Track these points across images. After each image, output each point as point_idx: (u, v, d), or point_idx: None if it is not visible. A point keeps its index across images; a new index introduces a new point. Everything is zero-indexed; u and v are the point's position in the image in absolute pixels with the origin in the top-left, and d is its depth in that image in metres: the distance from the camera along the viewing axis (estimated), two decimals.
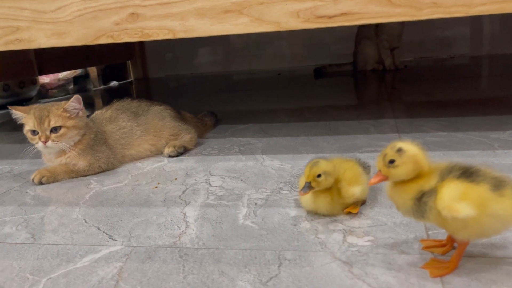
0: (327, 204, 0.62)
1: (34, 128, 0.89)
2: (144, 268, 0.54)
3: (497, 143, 0.89)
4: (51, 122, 0.90)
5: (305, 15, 0.85)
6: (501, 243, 0.52)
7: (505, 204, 0.43)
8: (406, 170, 0.46)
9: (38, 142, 0.90)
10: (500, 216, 0.43)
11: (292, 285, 0.48)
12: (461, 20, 2.60)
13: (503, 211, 0.43)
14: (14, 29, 0.99)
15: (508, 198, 0.43)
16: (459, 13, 0.80)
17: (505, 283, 0.45)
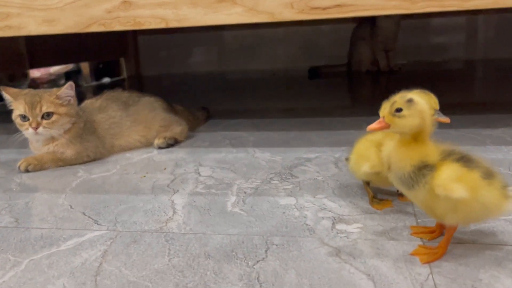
0: None
1: (24, 113, 0.88)
2: (129, 251, 0.53)
3: (488, 139, 0.89)
4: (43, 108, 0.88)
5: (299, 6, 0.85)
6: (490, 230, 0.52)
7: (492, 193, 0.44)
8: (412, 123, 0.45)
9: (28, 128, 0.88)
10: (486, 204, 0.44)
11: (279, 268, 0.47)
12: (456, 25, 2.61)
13: (490, 199, 0.44)
14: (4, 15, 0.97)
15: (495, 188, 0.44)
16: (453, 6, 0.80)
17: (492, 268, 0.44)
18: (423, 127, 0.46)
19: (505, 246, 0.48)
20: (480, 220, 0.47)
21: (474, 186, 0.44)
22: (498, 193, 0.44)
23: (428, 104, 0.47)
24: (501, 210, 0.44)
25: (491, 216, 0.46)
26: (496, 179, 0.45)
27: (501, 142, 0.87)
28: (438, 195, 0.44)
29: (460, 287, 0.41)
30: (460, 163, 0.45)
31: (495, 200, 0.44)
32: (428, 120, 0.46)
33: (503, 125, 0.99)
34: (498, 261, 0.45)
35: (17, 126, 0.91)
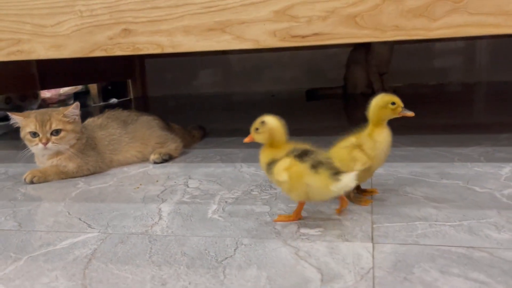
0: None
1: (35, 130, 0.97)
2: (116, 250, 0.60)
3: (457, 157, 0.96)
4: (52, 125, 0.97)
5: (281, 34, 0.93)
6: (433, 234, 0.58)
7: (317, 178, 0.61)
8: (264, 136, 0.66)
9: (38, 143, 0.97)
10: (313, 185, 0.62)
11: (243, 263, 0.54)
12: (451, 49, 2.70)
13: (316, 183, 0.61)
14: (16, 41, 1.07)
15: (320, 175, 0.61)
16: (419, 35, 0.88)
17: (426, 264, 0.51)
18: (273, 138, 0.65)
19: (442, 247, 0.54)
20: (317, 197, 0.64)
21: (301, 173, 0.62)
22: (324, 178, 0.60)
23: (277, 123, 0.67)
24: (330, 190, 0.60)
25: (325, 195, 0.62)
26: (323, 168, 0.61)
27: (468, 159, 0.93)
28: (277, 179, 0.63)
29: (394, 278, 0.48)
30: (295, 158, 0.63)
31: (321, 183, 0.61)
32: (276, 133, 0.66)
33: (474, 144, 1.06)
34: (433, 258, 0.52)
35: (26, 142, 0.99)
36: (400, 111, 0.69)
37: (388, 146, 0.71)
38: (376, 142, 0.70)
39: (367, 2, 0.88)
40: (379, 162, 0.71)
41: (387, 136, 0.71)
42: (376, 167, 0.72)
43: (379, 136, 0.70)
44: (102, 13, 1.01)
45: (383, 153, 0.70)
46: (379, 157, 0.70)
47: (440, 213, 0.65)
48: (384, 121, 0.71)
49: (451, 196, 0.72)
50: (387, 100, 0.69)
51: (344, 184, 0.60)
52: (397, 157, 0.99)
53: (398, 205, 0.70)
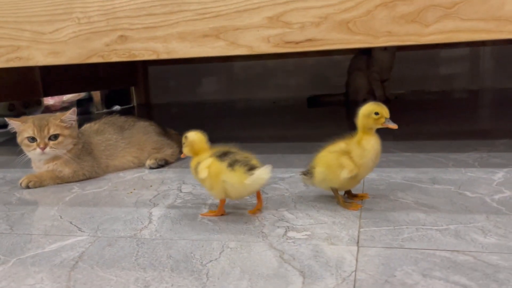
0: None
1: (33, 135, 0.98)
2: (103, 252, 0.61)
3: (451, 162, 0.96)
4: (50, 130, 0.98)
5: (274, 40, 0.94)
6: (419, 238, 0.58)
7: (232, 175, 0.67)
8: (188, 149, 0.74)
9: (36, 148, 0.98)
10: (229, 182, 0.67)
11: (227, 266, 0.54)
12: (454, 56, 2.70)
13: (231, 179, 0.67)
14: (15, 48, 1.09)
15: (236, 171, 0.67)
16: (411, 41, 0.88)
17: (409, 267, 0.50)
18: (195, 148, 0.73)
19: (426, 250, 0.54)
20: (234, 193, 0.69)
21: (218, 171, 0.68)
22: (239, 174, 0.66)
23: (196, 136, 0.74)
24: (245, 185, 0.66)
25: (241, 190, 0.68)
26: (238, 166, 0.67)
27: (463, 165, 0.93)
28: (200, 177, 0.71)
29: (375, 281, 0.48)
30: (215, 158, 0.70)
31: (236, 179, 0.67)
32: (196, 144, 0.73)
33: (471, 150, 1.06)
34: (416, 261, 0.52)
35: (24, 147, 1.00)
36: (383, 121, 0.68)
37: (376, 154, 0.70)
38: (365, 150, 0.70)
39: (360, 8, 0.88)
40: (367, 170, 0.71)
41: (376, 144, 0.70)
42: (363, 175, 0.72)
43: (368, 144, 0.70)
44: (99, 20, 1.02)
45: (371, 162, 0.70)
46: (367, 165, 0.70)
47: (429, 217, 0.65)
48: (371, 129, 0.70)
49: (442, 201, 0.72)
50: (371, 109, 0.69)
51: (256, 176, 0.66)
52: (391, 163, 0.99)
53: (387, 209, 0.70)
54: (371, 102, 0.71)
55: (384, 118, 0.69)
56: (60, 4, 1.04)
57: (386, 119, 0.69)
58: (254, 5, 0.94)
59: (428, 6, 0.85)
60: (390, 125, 0.68)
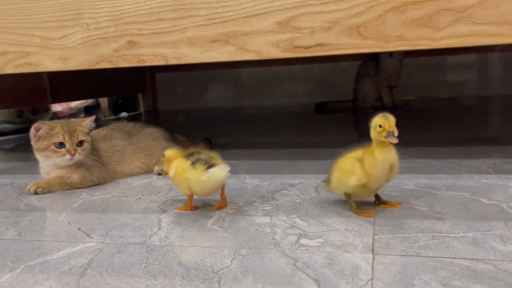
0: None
1: (64, 141, 0.97)
2: (112, 259, 0.60)
3: (465, 169, 0.94)
4: (78, 136, 0.98)
5: (284, 45, 0.93)
6: (436, 246, 0.56)
7: (193, 172, 0.74)
8: (165, 164, 0.81)
9: (65, 154, 0.97)
10: (191, 179, 0.74)
11: (239, 274, 0.53)
12: (463, 62, 2.68)
13: (192, 176, 0.74)
14: (24, 53, 1.09)
15: (196, 169, 0.74)
16: (423, 45, 0.87)
17: (427, 276, 0.49)
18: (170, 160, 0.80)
19: (444, 259, 0.53)
20: (197, 189, 0.75)
21: (182, 169, 0.76)
22: (198, 172, 0.73)
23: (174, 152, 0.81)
24: (202, 182, 0.73)
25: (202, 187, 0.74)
26: (200, 164, 0.74)
27: (476, 171, 0.91)
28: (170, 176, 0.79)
29: None
30: (184, 159, 0.77)
31: (195, 176, 0.74)
32: (172, 157, 0.80)
33: (484, 156, 1.04)
34: (434, 270, 0.50)
35: (48, 152, 0.97)
36: (384, 135, 0.66)
37: (389, 167, 0.68)
38: (376, 161, 0.68)
39: (370, 12, 0.87)
40: (376, 182, 0.69)
41: (389, 156, 0.68)
42: (374, 186, 0.70)
43: (379, 155, 0.68)
44: (108, 25, 1.02)
45: (381, 173, 0.68)
46: (376, 176, 0.68)
47: (444, 224, 0.64)
48: (378, 140, 0.68)
49: (457, 208, 0.71)
50: (376, 121, 0.67)
51: (210, 173, 0.73)
52: (402, 169, 0.97)
53: (401, 216, 0.68)
54: (380, 114, 0.68)
55: (386, 131, 0.66)
56: (69, 10, 1.04)
57: (388, 133, 0.66)
58: (263, 10, 0.93)
59: (439, 10, 0.84)
60: (390, 139, 0.65)
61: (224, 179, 0.76)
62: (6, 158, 1.52)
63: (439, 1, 0.83)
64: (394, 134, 0.66)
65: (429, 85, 2.72)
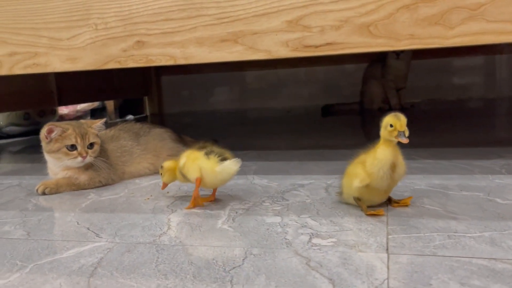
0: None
1: (76, 143, 0.96)
2: (122, 259, 0.59)
3: (477, 169, 0.93)
4: (90, 138, 0.98)
5: (293, 44, 0.93)
6: (452, 245, 0.55)
7: (207, 162, 0.78)
8: (165, 176, 0.85)
9: (77, 157, 0.96)
10: (204, 168, 0.78)
11: (252, 273, 0.52)
12: (470, 64, 2.66)
13: (206, 165, 0.78)
14: (33, 54, 1.09)
15: (210, 160, 0.78)
16: (435, 44, 0.86)
17: (445, 275, 0.48)
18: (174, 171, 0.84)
19: (462, 258, 0.52)
20: (208, 179, 0.78)
21: (196, 157, 0.79)
22: (212, 162, 0.77)
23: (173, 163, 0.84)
24: (216, 172, 0.77)
25: (214, 177, 0.77)
26: (214, 155, 0.78)
27: (489, 171, 0.90)
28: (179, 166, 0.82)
29: None
30: (197, 149, 0.81)
31: (209, 166, 0.77)
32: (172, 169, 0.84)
33: (495, 157, 1.02)
34: (452, 270, 0.49)
35: (59, 155, 0.97)
36: (395, 134, 0.65)
37: (387, 165, 0.67)
38: (375, 159, 0.67)
39: (381, 11, 0.87)
40: (379, 181, 0.67)
41: (390, 155, 0.67)
42: (377, 186, 0.68)
43: (381, 154, 0.67)
44: (116, 25, 1.02)
45: (381, 172, 0.67)
46: (377, 175, 0.67)
47: (460, 224, 0.62)
48: (390, 140, 0.67)
49: (472, 207, 0.69)
50: (387, 121, 0.66)
51: (225, 165, 0.77)
52: (414, 169, 0.96)
53: (415, 216, 0.67)
54: (392, 113, 0.67)
55: (397, 131, 0.65)
56: (78, 10, 1.04)
57: (399, 132, 0.65)
58: (273, 9, 0.92)
59: (452, 8, 0.83)
60: (400, 139, 0.64)
61: (235, 173, 0.79)
62: (13, 160, 1.52)
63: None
64: (405, 134, 0.65)
65: (436, 87, 2.70)
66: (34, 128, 2.21)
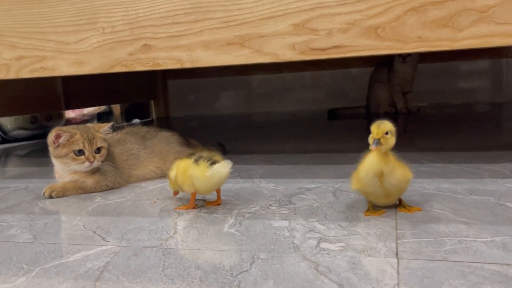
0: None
1: (83, 148, 0.96)
2: (129, 263, 0.59)
3: (486, 173, 0.92)
4: (97, 143, 0.98)
5: (300, 47, 0.92)
6: (463, 250, 0.54)
7: (197, 168, 0.77)
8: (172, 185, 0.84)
9: (84, 162, 0.96)
10: (194, 175, 0.77)
11: (260, 278, 0.51)
12: (476, 68, 2.65)
13: (196, 172, 0.77)
14: (40, 58, 1.09)
15: (200, 166, 0.77)
16: (443, 46, 0.85)
17: (456, 281, 0.47)
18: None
19: (474, 264, 0.51)
20: (201, 186, 0.77)
21: (186, 167, 0.78)
22: (202, 168, 0.76)
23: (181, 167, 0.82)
24: (206, 177, 0.76)
25: (206, 183, 0.77)
26: (203, 161, 0.77)
27: (499, 175, 0.89)
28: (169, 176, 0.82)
29: None
30: (187, 157, 0.80)
31: (199, 172, 0.76)
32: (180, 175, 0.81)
33: (505, 161, 1.01)
34: (464, 275, 0.48)
35: (67, 159, 0.96)
36: (371, 142, 0.67)
37: (371, 173, 0.67)
38: (361, 166, 0.69)
39: (389, 13, 0.86)
40: (366, 187, 0.69)
41: (375, 164, 0.67)
42: (368, 191, 0.69)
43: (366, 162, 0.69)
44: (123, 29, 1.02)
45: (366, 179, 0.68)
46: (363, 182, 0.68)
47: (471, 229, 0.61)
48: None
49: (482, 212, 0.68)
50: (371, 127, 0.68)
51: (214, 169, 0.76)
52: (422, 173, 0.95)
53: (424, 221, 0.66)
54: (378, 121, 0.69)
55: (372, 138, 0.66)
56: (85, 14, 1.05)
57: (374, 140, 0.66)
58: (279, 12, 0.92)
59: (461, 10, 0.83)
60: (371, 146, 0.66)
61: (227, 175, 0.78)
62: (20, 164, 1.52)
63: (460, 1, 0.82)
64: (380, 142, 0.66)
65: (443, 91, 2.68)
66: (41, 132, 2.22)
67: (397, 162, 0.69)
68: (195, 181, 0.77)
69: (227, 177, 0.79)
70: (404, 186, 0.69)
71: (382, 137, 0.66)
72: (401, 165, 0.69)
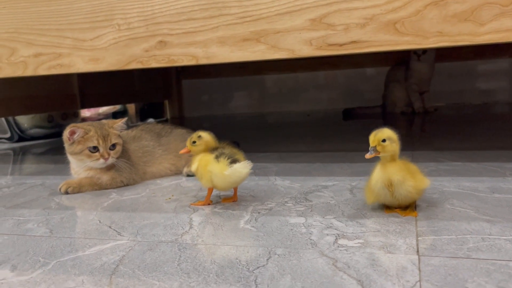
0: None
1: (98, 145, 0.96)
2: (144, 257, 0.58)
3: (509, 172, 0.89)
4: (112, 139, 0.98)
5: (317, 43, 0.91)
6: (487, 248, 0.53)
7: (217, 165, 0.76)
8: (201, 147, 0.79)
9: (99, 158, 0.97)
10: (214, 172, 0.75)
11: (276, 273, 0.50)
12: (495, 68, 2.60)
13: (215, 169, 0.75)
14: (57, 55, 1.10)
15: (220, 163, 0.76)
16: (464, 41, 0.83)
17: (481, 278, 0.45)
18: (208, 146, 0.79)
19: (498, 261, 0.49)
20: (219, 183, 0.76)
21: (206, 162, 0.77)
22: (221, 166, 0.75)
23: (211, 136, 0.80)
24: (225, 176, 0.75)
25: (224, 180, 0.75)
26: (222, 157, 0.76)
27: None
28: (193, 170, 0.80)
29: None
30: (209, 153, 0.78)
31: (218, 169, 0.75)
32: (209, 142, 0.79)
33: None
34: (488, 273, 0.46)
35: (82, 156, 0.97)
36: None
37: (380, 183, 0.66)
38: (372, 176, 0.69)
39: (408, 8, 0.84)
40: (377, 197, 0.68)
41: (381, 174, 0.67)
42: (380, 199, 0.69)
43: (374, 173, 0.69)
44: (139, 26, 1.02)
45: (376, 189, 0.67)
46: (376, 191, 0.68)
47: (494, 227, 0.60)
48: (383, 156, 0.68)
49: (505, 210, 0.66)
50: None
51: (234, 169, 0.75)
52: (441, 171, 0.93)
53: (445, 218, 0.64)
54: (378, 128, 0.70)
55: (370, 146, 0.66)
56: (102, 11, 1.05)
57: (370, 147, 0.67)
58: (296, 7, 0.91)
59: (482, 4, 0.81)
60: (366, 154, 0.66)
61: (246, 176, 0.77)
62: (37, 161, 1.53)
63: None
64: (376, 150, 0.66)
65: (461, 91, 2.64)
66: (58, 130, 2.24)
67: (409, 172, 0.66)
68: (214, 177, 0.76)
69: (246, 177, 0.78)
70: (416, 197, 0.67)
71: (379, 144, 0.65)
72: (414, 175, 0.67)
